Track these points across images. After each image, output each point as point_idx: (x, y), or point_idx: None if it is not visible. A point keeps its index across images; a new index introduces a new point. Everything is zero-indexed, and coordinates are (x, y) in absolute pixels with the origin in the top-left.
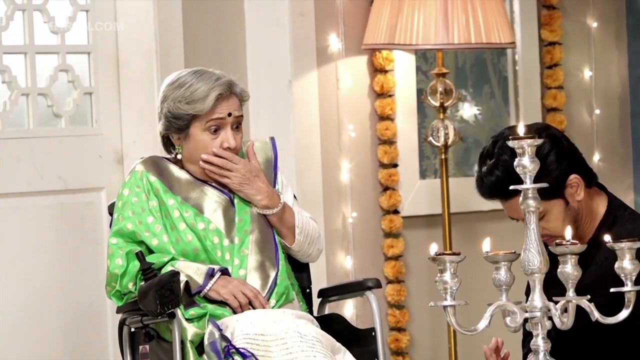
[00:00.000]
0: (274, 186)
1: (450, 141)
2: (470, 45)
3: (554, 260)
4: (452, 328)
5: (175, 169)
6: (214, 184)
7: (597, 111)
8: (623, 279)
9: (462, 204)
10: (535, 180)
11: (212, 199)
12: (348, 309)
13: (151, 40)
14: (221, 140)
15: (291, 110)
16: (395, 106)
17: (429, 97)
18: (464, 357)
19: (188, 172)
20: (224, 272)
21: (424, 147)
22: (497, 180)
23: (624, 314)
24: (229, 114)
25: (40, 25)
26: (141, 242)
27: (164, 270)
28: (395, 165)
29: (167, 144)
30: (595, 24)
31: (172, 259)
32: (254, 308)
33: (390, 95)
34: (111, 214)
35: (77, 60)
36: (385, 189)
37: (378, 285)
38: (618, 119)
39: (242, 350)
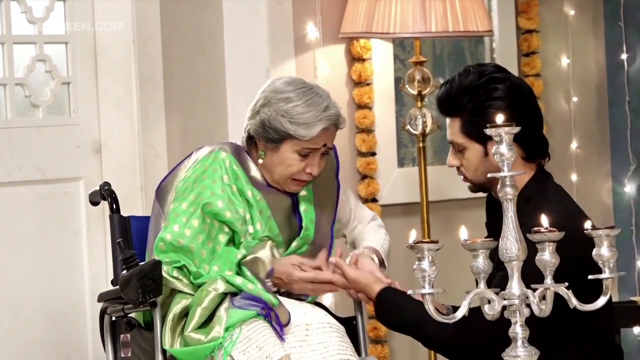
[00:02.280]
0: (337, 194)
1: (428, 129)
2: (448, 33)
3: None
4: None
5: (252, 167)
6: (282, 192)
7: (575, 99)
8: (601, 266)
9: (440, 192)
10: (468, 111)
11: (283, 205)
12: (327, 297)
13: (129, 30)
14: (307, 165)
15: None
16: (373, 95)
17: (407, 86)
18: None
19: (261, 174)
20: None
21: (401, 135)
22: (445, 93)
23: (602, 300)
24: (324, 145)
25: (17, 15)
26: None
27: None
28: (374, 154)
29: (250, 142)
30: (572, 12)
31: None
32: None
33: (368, 84)
34: (93, 203)
35: (54, 50)
36: (364, 177)
37: None
38: (596, 106)
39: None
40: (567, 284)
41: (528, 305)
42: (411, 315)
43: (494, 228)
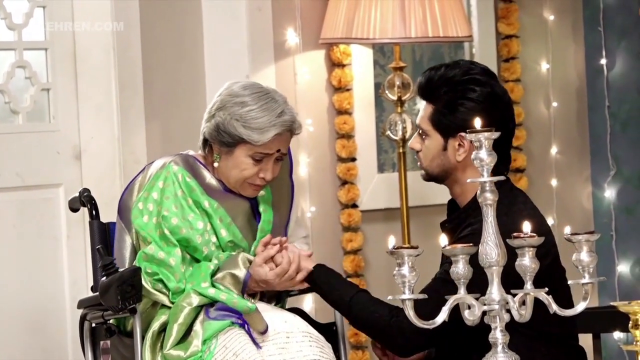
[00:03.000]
0: (292, 195)
1: (408, 135)
2: (428, 38)
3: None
4: None
5: (206, 174)
6: (240, 195)
7: (555, 104)
8: (581, 271)
9: (420, 198)
10: (442, 102)
11: (242, 209)
12: (307, 303)
13: (108, 36)
14: (260, 170)
15: None
16: (352, 100)
17: (387, 91)
18: None
19: (217, 180)
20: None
21: (381, 141)
22: (427, 77)
23: (581, 306)
24: (278, 150)
25: None
26: (181, 239)
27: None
28: (354, 159)
29: (206, 145)
30: (552, 17)
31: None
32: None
33: (347, 90)
34: (73, 209)
35: (34, 56)
36: (344, 183)
37: None
38: (575, 111)
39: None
40: (547, 289)
41: (508, 311)
42: (344, 295)
43: (450, 228)
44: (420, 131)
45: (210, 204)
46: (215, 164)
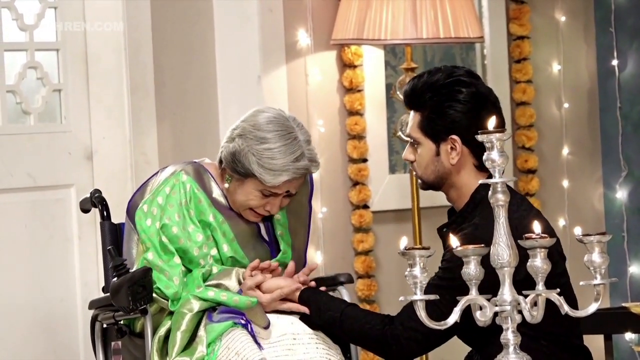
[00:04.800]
0: (309, 220)
1: None
2: (439, 39)
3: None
4: None
5: (215, 188)
6: (244, 218)
7: (566, 105)
8: (592, 272)
9: (431, 199)
10: (429, 108)
11: (246, 228)
12: None
13: (120, 36)
14: (267, 203)
15: (260, 105)
16: (364, 101)
17: (398, 92)
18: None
19: (225, 196)
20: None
21: (393, 141)
22: (411, 86)
23: (593, 307)
24: (287, 191)
25: (8, 22)
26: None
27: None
28: (365, 160)
29: (221, 164)
30: (563, 18)
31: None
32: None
33: (359, 90)
34: (84, 210)
35: (45, 57)
36: (355, 183)
37: (350, 280)
38: (587, 112)
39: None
40: (558, 290)
41: (520, 312)
42: (334, 311)
43: (447, 233)
44: (412, 141)
45: (216, 218)
46: (226, 185)
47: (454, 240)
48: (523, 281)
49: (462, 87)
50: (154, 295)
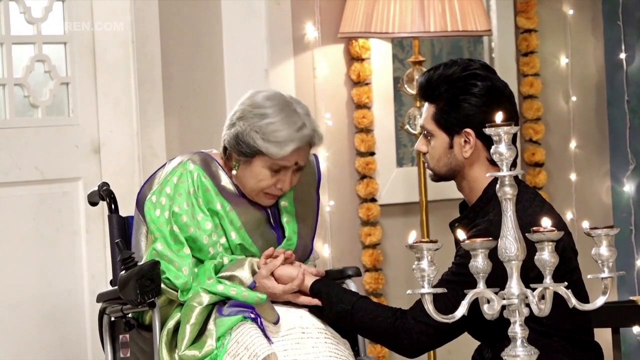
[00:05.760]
0: (317, 209)
1: None
2: (447, 33)
3: None
4: None
5: (224, 176)
6: (255, 203)
7: (574, 98)
8: (600, 265)
9: (439, 192)
10: (444, 100)
11: (254, 216)
12: None
13: (127, 30)
14: (278, 181)
15: None
16: (371, 94)
17: (406, 85)
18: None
19: (234, 183)
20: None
21: (400, 135)
22: (426, 78)
23: (601, 300)
24: (296, 163)
25: (16, 16)
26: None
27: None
28: (372, 154)
29: (226, 152)
30: (571, 11)
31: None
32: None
33: (367, 84)
34: (92, 203)
35: (53, 50)
36: (363, 177)
37: (358, 273)
38: (594, 106)
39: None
40: (566, 283)
41: (527, 305)
42: (345, 304)
43: (459, 228)
44: (425, 132)
45: (223, 206)
46: (234, 172)
47: (461, 234)
48: (537, 278)
49: (478, 81)
50: (163, 286)
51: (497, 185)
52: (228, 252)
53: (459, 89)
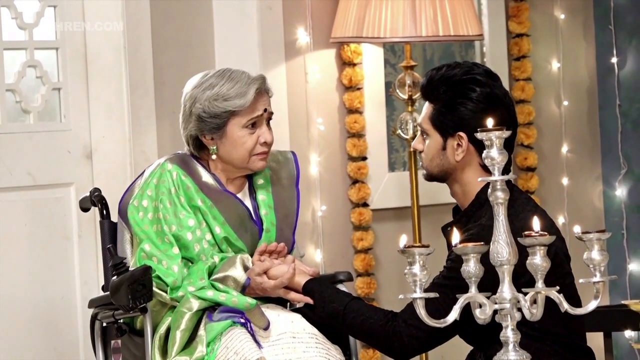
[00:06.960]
0: (298, 203)
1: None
2: (438, 37)
3: None
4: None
5: (203, 172)
6: (238, 196)
7: (566, 102)
8: (592, 269)
9: (431, 197)
10: (441, 102)
11: (236, 210)
12: None
13: (119, 35)
14: (258, 136)
15: None
16: (363, 99)
17: (397, 90)
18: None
19: (215, 178)
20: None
21: (392, 139)
22: (428, 77)
23: (592, 305)
24: (265, 110)
25: (7, 21)
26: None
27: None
28: (364, 158)
29: (197, 145)
30: (562, 16)
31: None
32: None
33: (358, 88)
34: (84, 209)
35: (45, 55)
36: (355, 182)
37: (349, 278)
38: (586, 110)
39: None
40: (557, 287)
41: (519, 309)
42: (338, 304)
43: (448, 234)
44: (422, 131)
45: (204, 202)
46: (214, 157)
47: (455, 238)
48: (528, 283)
49: (477, 86)
50: (154, 289)
51: (489, 190)
52: (215, 247)
53: (457, 92)
